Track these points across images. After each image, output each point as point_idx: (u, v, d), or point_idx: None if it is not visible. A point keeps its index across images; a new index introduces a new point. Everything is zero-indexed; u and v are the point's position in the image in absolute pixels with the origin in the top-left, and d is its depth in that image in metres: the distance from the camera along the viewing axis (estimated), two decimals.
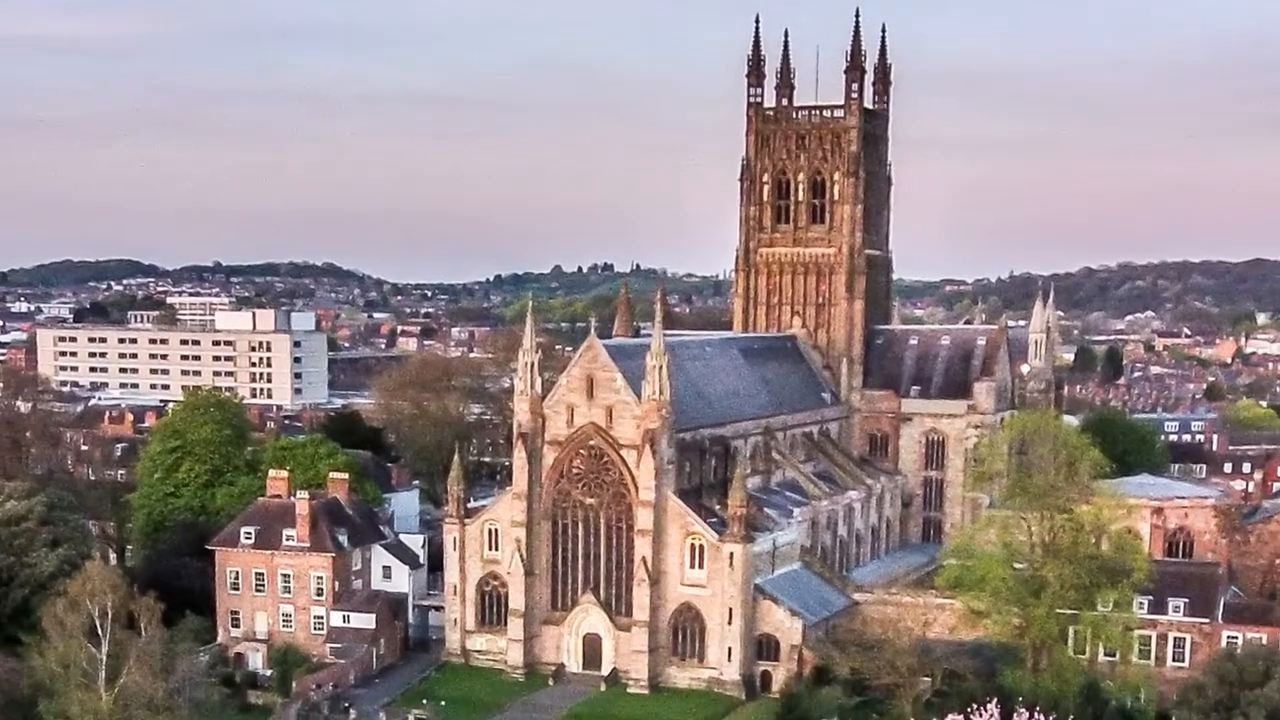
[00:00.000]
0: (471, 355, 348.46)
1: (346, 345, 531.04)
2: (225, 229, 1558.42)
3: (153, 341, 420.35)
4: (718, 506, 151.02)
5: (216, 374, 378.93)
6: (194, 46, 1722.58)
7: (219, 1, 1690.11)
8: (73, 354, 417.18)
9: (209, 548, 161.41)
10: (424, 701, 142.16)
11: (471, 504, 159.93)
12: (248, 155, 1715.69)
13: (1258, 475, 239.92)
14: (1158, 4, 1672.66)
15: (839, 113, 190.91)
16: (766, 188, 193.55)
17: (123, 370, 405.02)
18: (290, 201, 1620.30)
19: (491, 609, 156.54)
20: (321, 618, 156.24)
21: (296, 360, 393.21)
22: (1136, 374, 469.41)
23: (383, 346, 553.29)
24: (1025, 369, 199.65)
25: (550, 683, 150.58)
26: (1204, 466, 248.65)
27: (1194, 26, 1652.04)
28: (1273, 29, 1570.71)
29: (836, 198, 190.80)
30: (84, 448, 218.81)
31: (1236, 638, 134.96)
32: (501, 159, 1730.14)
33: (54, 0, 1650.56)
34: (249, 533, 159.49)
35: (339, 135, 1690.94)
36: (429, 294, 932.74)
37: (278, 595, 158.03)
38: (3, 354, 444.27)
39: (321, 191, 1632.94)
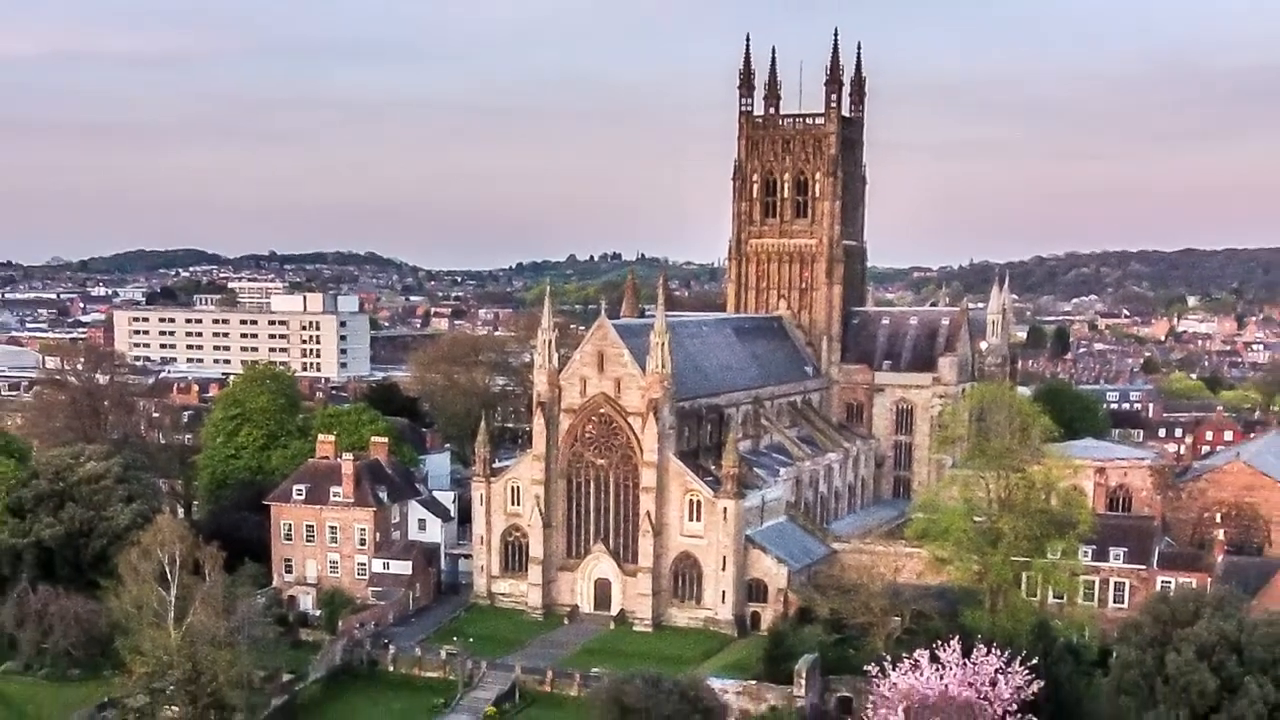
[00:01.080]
0: (496, 333, 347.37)
1: (386, 325, 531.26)
2: (279, 222, 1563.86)
3: (216, 321, 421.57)
4: (713, 467, 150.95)
5: (272, 350, 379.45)
6: (247, 62, 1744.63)
7: (266, 22, 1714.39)
8: (145, 332, 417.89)
9: (265, 503, 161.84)
10: (454, 638, 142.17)
11: (496, 464, 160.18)
12: (297, 156, 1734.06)
13: (1188, 439, 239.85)
14: (1105, 26, 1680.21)
15: (819, 120, 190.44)
16: (756, 186, 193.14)
17: (189, 347, 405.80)
18: (335, 197, 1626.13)
19: (514, 557, 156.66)
20: (364, 564, 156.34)
21: (342, 338, 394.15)
22: (1081, 350, 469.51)
23: (418, 326, 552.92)
24: (984, 346, 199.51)
25: (566, 622, 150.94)
26: (1141, 432, 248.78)
27: (1135, 44, 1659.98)
28: (1201, 46, 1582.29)
29: (817, 195, 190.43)
30: (155, 415, 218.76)
31: (1170, 582, 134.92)
32: (520, 160, 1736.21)
33: (125, 18, 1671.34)
34: (300, 490, 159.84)
35: (375, 138, 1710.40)
36: (459, 279, 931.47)
37: (326, 545, 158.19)
38: (84, 332, 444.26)
39: (363, 188, 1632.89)
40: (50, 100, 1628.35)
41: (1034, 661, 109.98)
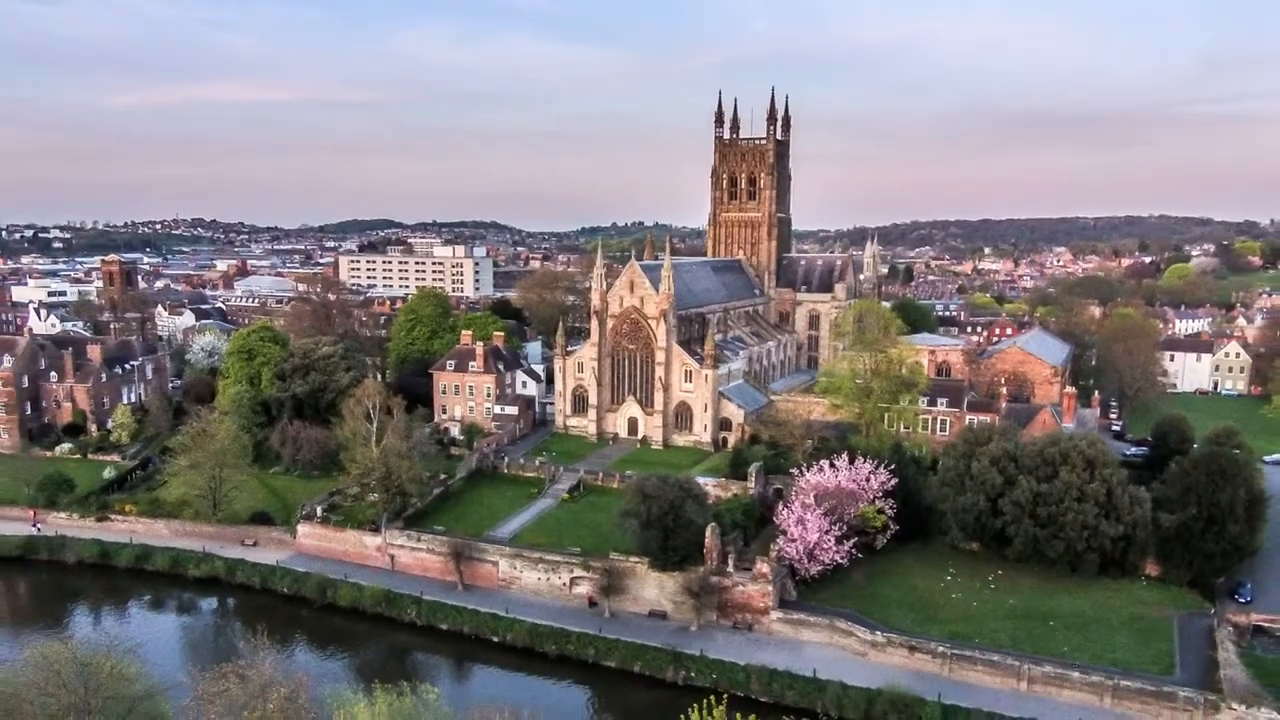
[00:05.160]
0: (569, 270, 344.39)
1: (502, 264, 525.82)
2: (439, 201, 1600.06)
3: (400, 263, 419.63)
4: (699, 349, 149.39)
5: (434, 279, 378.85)
6: (419, 106, 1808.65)
7: (429, 82, 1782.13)
8: (357, 269, 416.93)
9: (430, 371, 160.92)
10: (544, 453, 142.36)
11: (569, 348, 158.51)
12: (450, 162, 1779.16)
13: (984, 333, 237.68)
14: (932, 82, 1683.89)
15: (763, 141, 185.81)
16: (725, 181, 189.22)
17: (384, 277, 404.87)
18: (473, 187, 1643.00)
19: (579, 404, 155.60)
20: (489, 408, 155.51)
21: (476, 272, 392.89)
22: (920, 280, 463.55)
23: (522, 265, 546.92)
24: (862, 277, 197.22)
25: (610, 443, 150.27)
26: (956, 329, 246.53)
27: (950, 92, 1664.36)
28: (993, 95, 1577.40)
29: (761, 187, 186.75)
30: (363, 319, 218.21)
31: (974, 419, 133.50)
32: (582, 164, 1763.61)
33: (346, 80, 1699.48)
34: (451, 363, 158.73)
35: (497, 150, 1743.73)
36: (546, 237, 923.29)
37: (466, 397, 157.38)
38: (321, 269, 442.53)
39: (489, 181, 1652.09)
40: (300, 130, 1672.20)
41: (892, 467, 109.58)
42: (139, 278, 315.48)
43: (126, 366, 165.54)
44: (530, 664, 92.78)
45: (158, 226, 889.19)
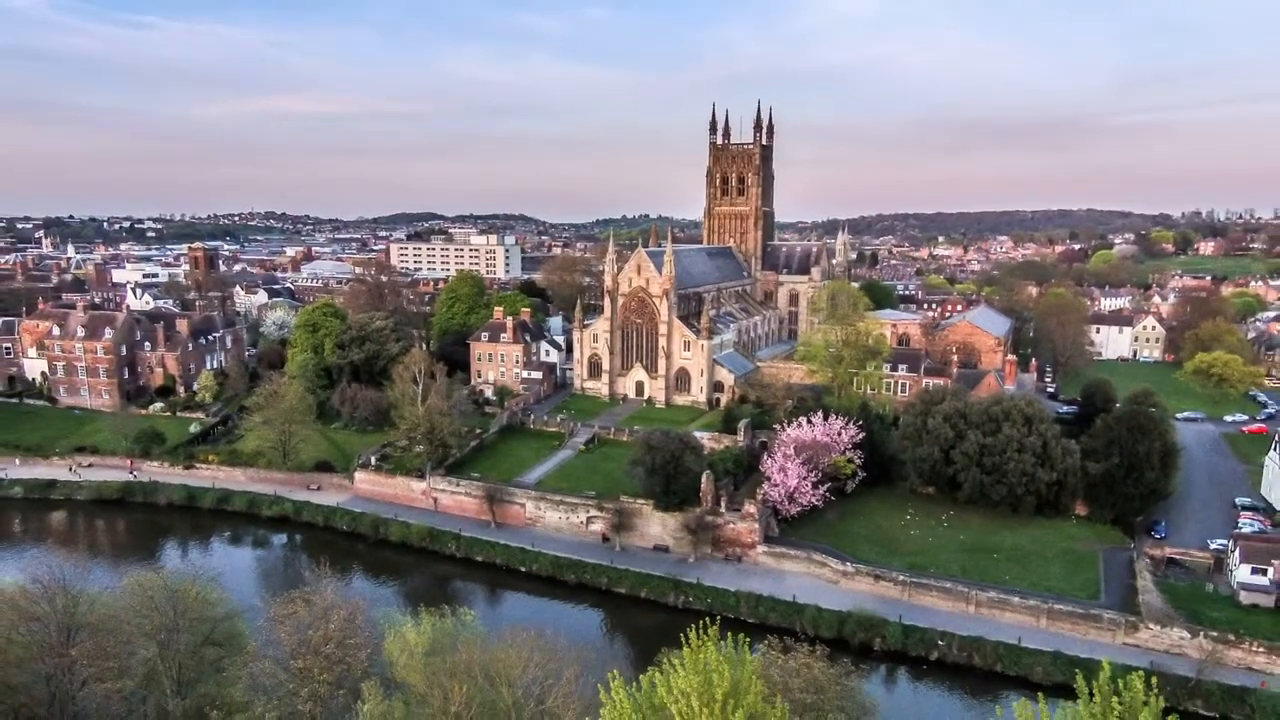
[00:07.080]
0: (585, 255, 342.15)
1: (529, 250, 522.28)
2: (475, 196, 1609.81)
3: (442, 250, 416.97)
4: (696, 323, 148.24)
5: (470, 263, 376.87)
6: (455, 116, 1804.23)
7: (462, 93, 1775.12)
8: (405, 254, 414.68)
9: (468, 342, 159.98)
10: (564, 411, 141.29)
11: (585, 322, 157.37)
12: (482, 164, 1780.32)
13: (938, 309, 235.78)
14: (900, 95, 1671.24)
15: (750, 145, 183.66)
16: (718, 180, 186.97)
17: (428, 262, 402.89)
18: (503, 183, 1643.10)
19: (594, 369, 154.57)
20: (518, 373, 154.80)
21: (507, 258, 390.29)
22: (884, 264, 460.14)
23: (545, 251, 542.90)
24: (834, 261, 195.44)
25: (621, 403, 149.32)
26: (915, 305, 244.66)
27: (913, 104, 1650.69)
28: (951, 105, 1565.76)
29: (749, 185, 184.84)
30: (411, 297, 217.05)
31: (929, 382, 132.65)
32: (596, 166, 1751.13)
33: (393, 93, 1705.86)
34: (486, 335, 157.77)
35: (524, 155, 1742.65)
36: (566, 228, 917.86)
37: (499, 363, 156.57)
38: (374, 255, 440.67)
39: (517, 179, 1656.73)
40: (356, 136, 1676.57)
41: (860, 423, 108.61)
42: (220, 262, 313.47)
43: (209, 338, 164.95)
44: (552, 590, 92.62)
45: (236, 218, 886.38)
